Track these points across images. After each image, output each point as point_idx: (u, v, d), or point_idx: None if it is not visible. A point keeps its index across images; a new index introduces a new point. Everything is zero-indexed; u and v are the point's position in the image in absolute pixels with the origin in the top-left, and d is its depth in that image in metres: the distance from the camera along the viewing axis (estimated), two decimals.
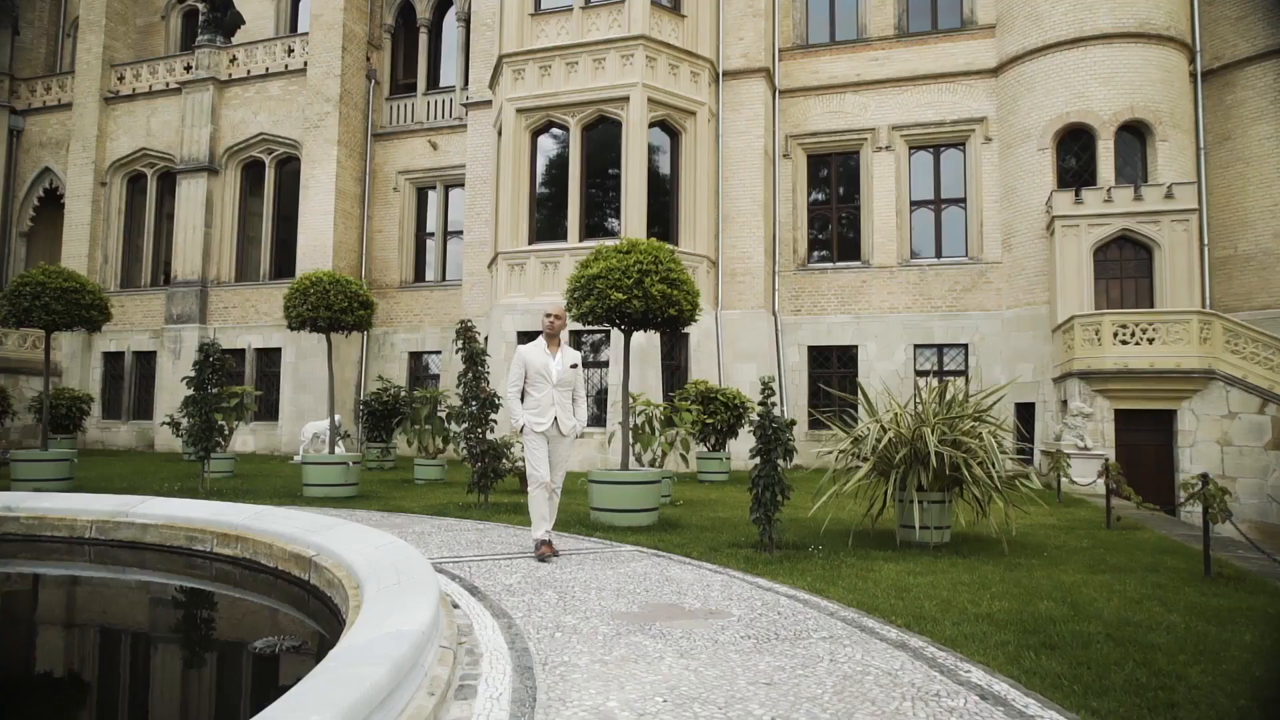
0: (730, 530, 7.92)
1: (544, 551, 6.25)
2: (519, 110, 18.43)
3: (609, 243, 17.40)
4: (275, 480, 13.51)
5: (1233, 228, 18.09)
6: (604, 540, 7.33)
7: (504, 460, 10.02)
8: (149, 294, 24.25)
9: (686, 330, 14.93)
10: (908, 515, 7.09)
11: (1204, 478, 5.84)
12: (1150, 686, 3.35)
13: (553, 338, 6.42)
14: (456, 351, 10.13)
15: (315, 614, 5.22)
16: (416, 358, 22.83)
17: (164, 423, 19.01)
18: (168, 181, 24.47)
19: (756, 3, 19.60)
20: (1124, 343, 15.04)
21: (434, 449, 13.68)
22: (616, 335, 16.82)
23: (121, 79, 24.97)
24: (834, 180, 20.68)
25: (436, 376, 22.31)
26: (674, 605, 4.74)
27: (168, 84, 24.27)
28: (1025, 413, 17.83)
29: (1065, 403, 15.71)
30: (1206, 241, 17.71)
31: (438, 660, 3.22)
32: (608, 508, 8.26)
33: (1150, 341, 14.93)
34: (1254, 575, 5.97)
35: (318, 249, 21.82)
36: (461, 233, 22.62)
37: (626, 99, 17.75)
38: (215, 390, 11.14)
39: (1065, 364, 15.99)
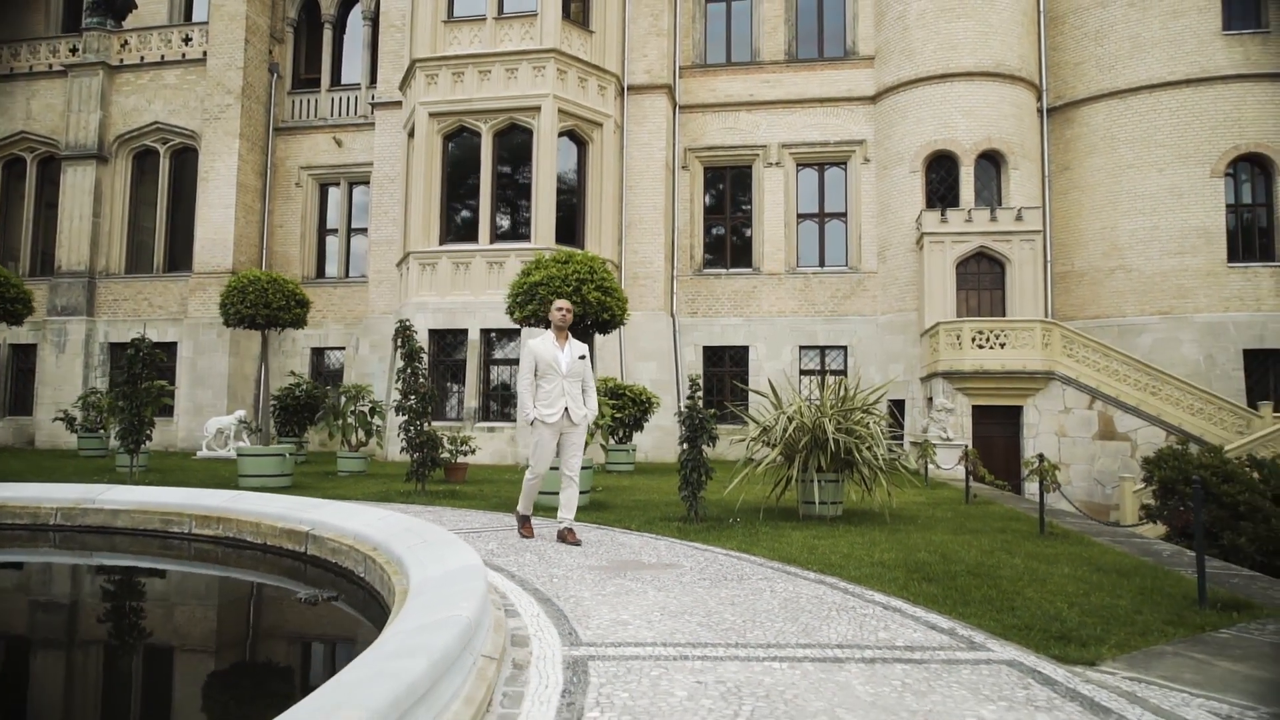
0: (655, 509, 9.01)
1: (527, 531, 6.73)
2: (432, 114, 18.97)
3: (521, 245, 18.31)
4: (195, 474, 13.66)
5: (1070, 247, 20.66)
6: (548, 519, 8.28)
7: (441, 450, 10.77)
8: (29, 284, 23.16)
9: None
10: (809, 492, 8.38)
11: (1040, 457, 7.37)
12: (998, 600, 4.66)
13: (561, 330, 6.66)
14: (396, 349, 10.79)
15: (317, 580, 5.97)
16: (319, 354, 22.88)
17: (56, 418, 18.49)
18: (50, 168, 23.49)
19: (660, 22, 20.84)
20: (981, 347, 17.12)
21: (357, 442, 14.18)
22: (527, 335, 17.69)
23: None
24: (728, 192, 22.18)
25: (340, 372, 22.45)
26: (635, 561, 5.80)
27: (50, 65, 23.32)
28: (897, 408, 19.80)
29: (931, 399, 17.69)
30: (1049, 258, 20.18)
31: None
32: (550, 490, 9.19)
33: (1002, 346, 17.07)
34: (1076, 533, 7.57)
35: (217, 243, 21.59)
36: (365, 230, 22.85)
37: (538, 108, 18.61)
38: (145, 385, 11.33)
39: (931, 365, 17.99)
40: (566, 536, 6.51)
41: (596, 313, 9.07)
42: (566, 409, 6.45)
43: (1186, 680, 3.24)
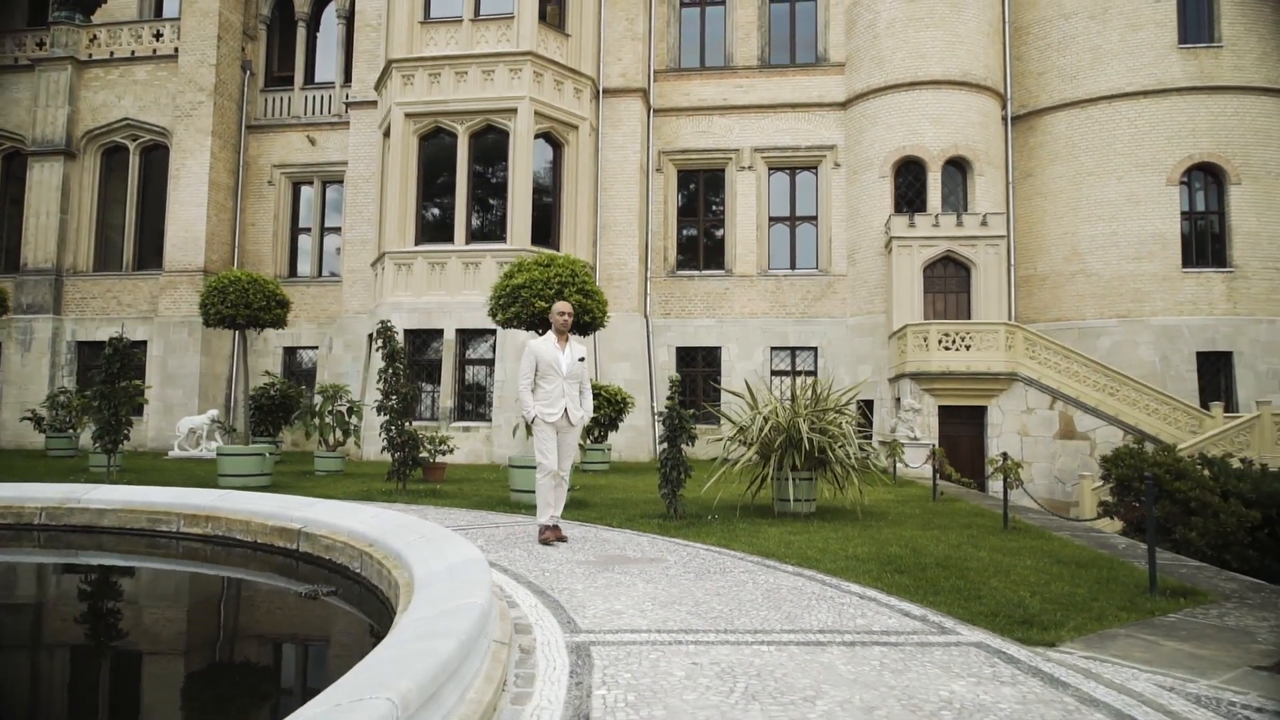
0: (635, 507, 9.26)
1: (548, 536, 6.47)
2: (408, 115, 19.03)
3: (497, 246, 18.45)
4: (170, 474, 13.64)
5: (1033, 251, 21.26)
6: (529, 516, 8.49)
7: (422, 450, 10.92)
8: None
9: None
10: (783, 490, 8.67)
11: (1004, 455, 7.73)
12: (966, 589, 4.96)
13: (561, 333, 6.71)
14: (376, 349, 10.92)
15: (310, 576, 6.12)
16: (291, 353, 22.80)
17: (24, 418, 18.27)
18: (16, 163, 23.14)
19: (635, 27, 21.08)
20: (947, 349, 17.60)
21: (334, 442, 14.25)
22: (503, 335, 17.87)
23: None
24: (701, 195, 22.48)
25: (312, 372, 22.39)
26: (620, 555, 6.03)
27: (16, 59, 22.98)
28: (865, 408, 20.22)
29: (899, 399, 18.14)
30: (1013, 263, 20.75)
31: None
32: (528, 489, 9.40)
33: (968, 348, 17.56)
34: (1037, 528, 7.95)
35: (189, 241, 21.45)
36: (339, 229, 22.82)
37: (514, 110, 18.76)
38: (123, 384, 11.34)
39: (899, 366, 18.44)
40: (547, 535, 6.65)
41: (578, 315, 9.29)
42: (566, 409, 6.54)
43: (1136, 658, 3.55)
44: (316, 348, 22.44)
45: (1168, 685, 3.19)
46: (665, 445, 8.21)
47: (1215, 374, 19.58)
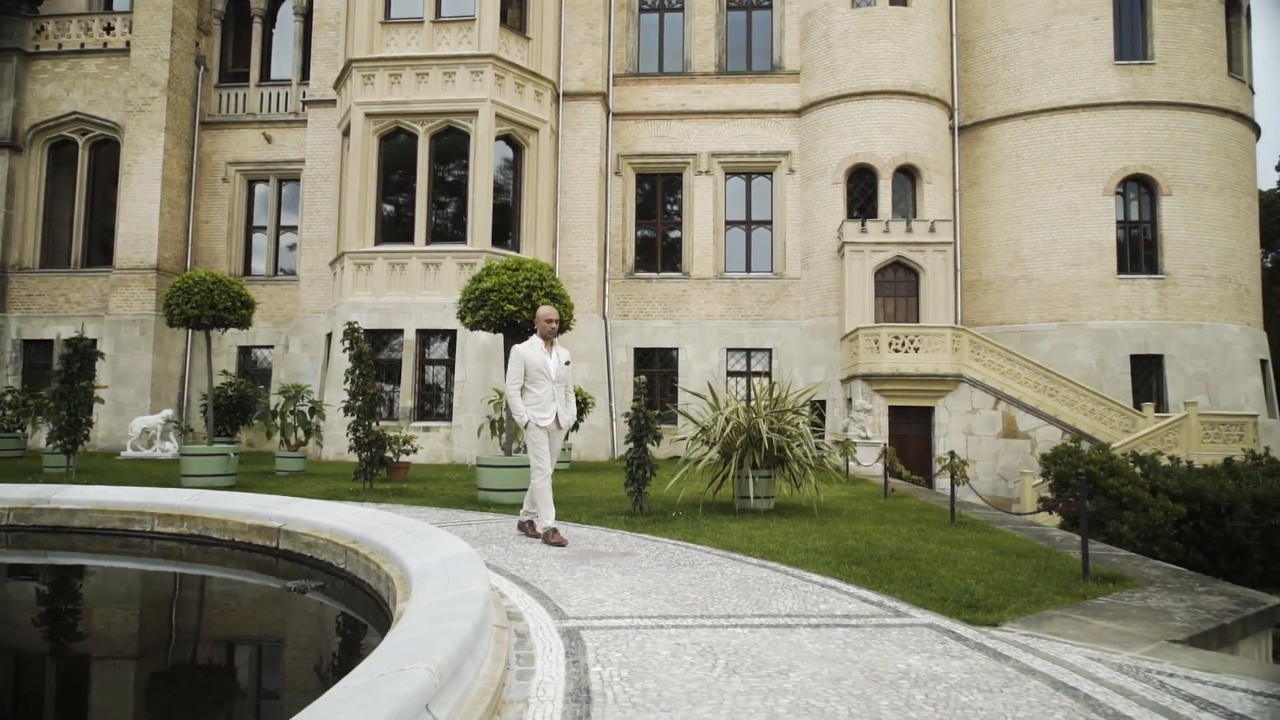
0: (601, 504, 9.55)
1: (555, 540, 6.49)
2: (368, 115, 19.03)
3: (458, 246, 18.57)
4: (127, 474, 13.51)
5: (978, 257, 22.06)
6: (499, 514, 8.74)
7: (388, 450, 11.06)
8: None
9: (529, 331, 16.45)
10: (744, 488, 9.04)
11: (951, 454, 8.21)
12: (917, 578, 5.37)
13: (547, 338, 6.80)
14: (344, 350, 11.03)
15: (291, 572, 6.30)
16: (246, 352, 22.59)
17: None
18: None
19: (595, 31, 21.35)
20: (897, 351, 18.22)
21: (296, 442, 14.27)
22: (463, 336, 18.01)
23: None
24: (659, 198, 22.84)
25: (268, 371, 22.22)
26: (593, 550, 6.33)
27: None
28: (818, 408, 20.80)
29: (850, 400, 18.72)
30: (959, 268, 21.51)
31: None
32: (496, 488, 9.65)
33: (916, 351, 18.20)
34: (982, 522, 8.45)
35: (141, 238, 21.12)
36: (295, 227, 22.67)
37: (475, 112, 18.88)
38: (83, 384, 11.28)
39: (851, 367, 19.03)
40: (526, 530, 6.98)
41: None
42: (556, 413, 6.69)
43: (1069, 635, 3.97)
44: (272, 347, 22.26)
45: (1095, 657, 3.60)
46: (632, 445, 8.51)
47: (1148, 376, 20.57)
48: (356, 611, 4.98)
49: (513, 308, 9.34)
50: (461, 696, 2.51)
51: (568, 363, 6.86)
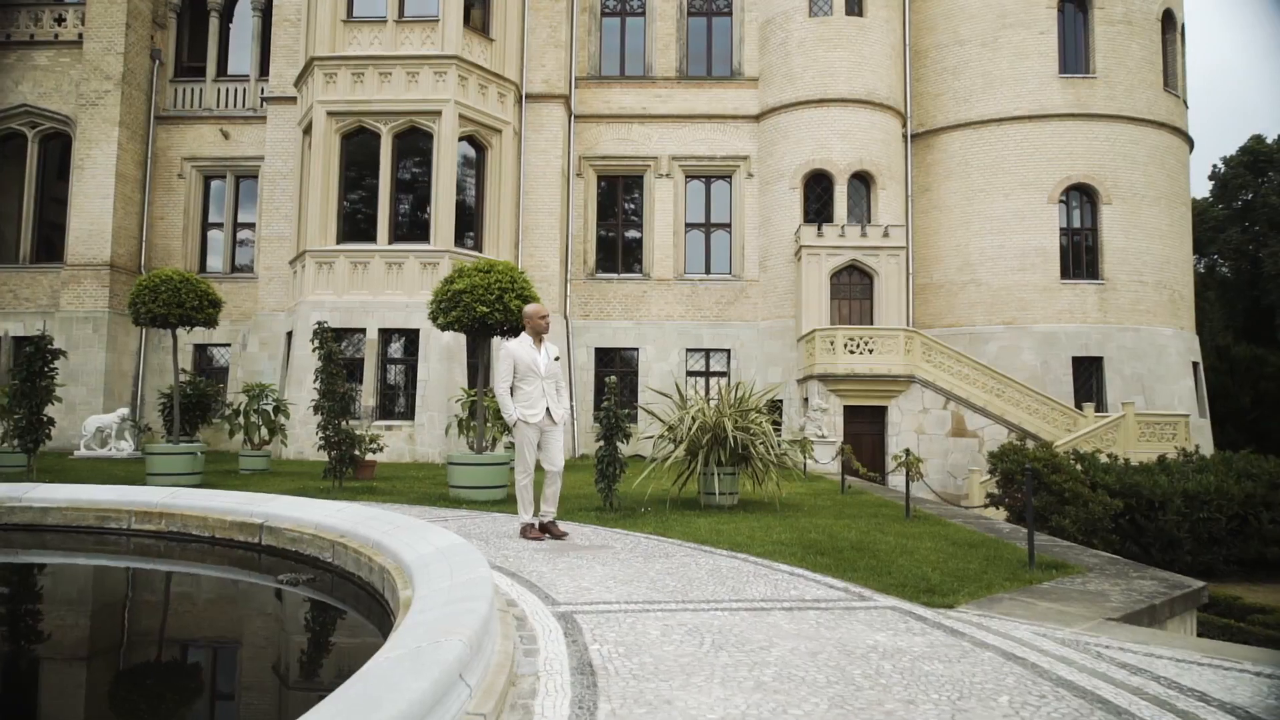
0: (570, 501, 9.79)
1: (532, 535, 6.68)
2: (330, 113, 18.98)
3: (420, 246, 18.63)
4: (85, 473, 13.39)
5: (930, 262, 22.78)
6: (473, 511, 8.95)
7: (358, 449, 11.18)
8: None
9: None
10: (709, 484, 9.38)
11: (906, 452, 8.65)
12: (878, 567, 5.75)
13: (538, 335, 6.84)
14: (314, 350, 11.11)
15: (275, 567, 6.47)
16: (202, 350, 22.30)
17: None
18: None
19: (558, 34, 21.55)
20: (852, 352, 18.77)
21: (259, 441, 14.25)
22: (426, 335, 18.08)
23: None
24: (621, 200, 23.14)
25: (225, 370, 21.99)
26: (571, 544, 6.60)
27: None
28: (776, 407, 21.29)
29: (807, 400, 19.24)
30: (912, 272, 22.19)
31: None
32: (466, 485, 9.85)
33: (871, 352, 18.78)
34: (935, 516, 8.92)
35: (95, 234, 20.75)
36: (253, 224, 22.46)
37: (439, 113, 18.96)
38: (44, 382, 11.18)
39: (808, 368, 19.55)
40: (551, 530, 6.85)
41: (517, 320, 9.78)
42: (548, 409, 6.73)
43: (1017, 614, 4.37)
44: (229, 345, 22.03)
45: (1041, 632, 4.00)
46: (602, 443, 8.81)
47: (1088, 377, 21.47)
48: (349, 601, 5.19)
49: (485, 309, 9.55)
50: (485, 668, 2.78)
51: (557, 358, 6.90)
